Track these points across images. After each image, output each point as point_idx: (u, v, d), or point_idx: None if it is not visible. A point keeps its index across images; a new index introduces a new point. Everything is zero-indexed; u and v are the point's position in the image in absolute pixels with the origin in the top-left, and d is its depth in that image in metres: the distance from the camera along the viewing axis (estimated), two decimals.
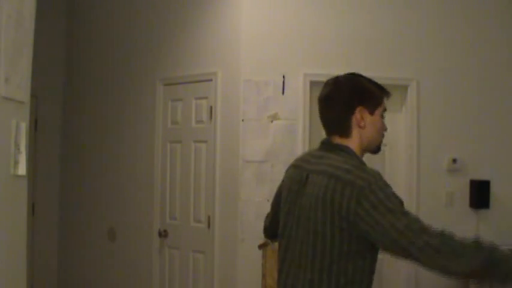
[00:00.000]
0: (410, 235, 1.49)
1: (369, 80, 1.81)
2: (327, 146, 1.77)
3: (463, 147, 4.00)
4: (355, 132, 1.73)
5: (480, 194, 3.94)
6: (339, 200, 1.58)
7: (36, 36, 2.06)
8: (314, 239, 1.64)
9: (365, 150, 1.77)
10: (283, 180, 1.90)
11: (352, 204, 1.55)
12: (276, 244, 2.99)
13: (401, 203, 1.57)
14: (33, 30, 2.03)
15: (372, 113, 1.74)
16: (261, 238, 3.15)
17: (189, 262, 3.99)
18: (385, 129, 1.80)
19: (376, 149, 1.80)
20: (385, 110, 1.79)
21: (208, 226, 3.87)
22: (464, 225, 3.98)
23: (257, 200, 3.69)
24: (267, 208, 3.66)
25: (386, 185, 1.58)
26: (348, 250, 1.59)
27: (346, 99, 1.74)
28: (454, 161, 3.96)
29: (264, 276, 3.26)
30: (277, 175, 3.69)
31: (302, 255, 1.68)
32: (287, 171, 1.90)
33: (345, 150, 1.72)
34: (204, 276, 3.88)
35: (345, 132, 1.73)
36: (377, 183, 1.56)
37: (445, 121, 3.98)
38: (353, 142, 1.73)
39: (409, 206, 3.86)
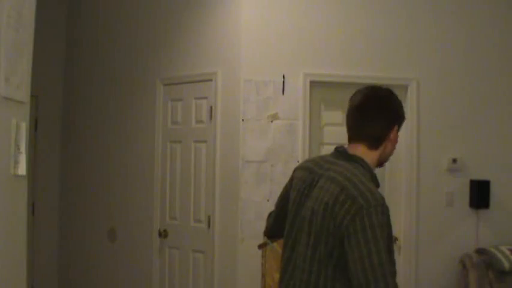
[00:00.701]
0: (379, 275, 1.50)
1: (397, 98, 1.87)
2: (342, 155, 1.78)
3: (463, 147, 4.00)
4: (382, 147, 1.79)
5: (480, 194, 3.93)
6: (337, 209, 1.60)
7: (36, 36, 2.06)
8: (314, 241, 1.66)
9: (379, 162, 1.82)
10: (291, 180, 1.91)
11: (346, 219, 1.57)
12: (276, 244, 2.99)
13: (390, 236, 1.59)
14: (33, 30, 2.03)
15: (398, 131, 1.82)
16: (261, 238, 3.15)
17: (189, 262, 3.99)
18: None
19: (384, 164, 1.86)
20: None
21: (208, 226, 3.87)
22: (464, 225, 3.99)
23: (257, 200, 3.69)
24: (267, 208, 3.67)
25: (384, 213, 1.59)
26: (339, 256, 1.60)
27: (389, 115, 1.79)
28: (454, 161, 3.96)
29: (263, 276, 3.26)
30: (277, 175, 3.70)
31: (302, 257, 1.71)
32: (296, 171, 1.91)
33: (359, 162, 1.74)
34: (204, 276, 3.88)
35: (376, 145, 1.78)
36: (376, 207, 1.57)
37: (445, 121, 3.98)
38: (375, 155, 1.78)
39: (409, 206, 3.87)
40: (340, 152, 1.80)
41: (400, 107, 1.84)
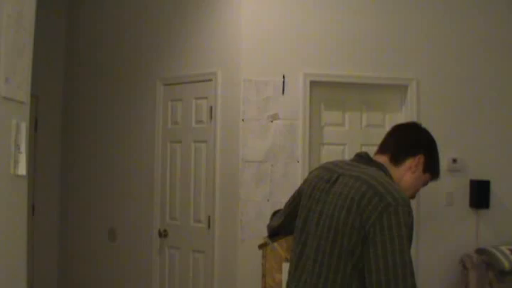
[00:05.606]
0: (400, 274, 1.51)
1: (432, 138, 1.94)
2: (364, 159, 1.82)
3: (463, 147, 4.00)
4: (402, 169, 1.82)
5: (480, 194, 3.93)
6: (364, 205, 1.60)
7: (36, 36, 2.06)
8: (334, 236, 1.65)
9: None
10: (305, 181, 1.92)
11: (374, 215, 1.57)
12: (276, 244, 2.99)
13: (410, 237, 1.60)
14: (33, 30, 2.03)
15: (424, 171, 1.86)
16: (261, 238, 3.15)
17: (189, 262, 4.00)
18: (414, 196, 1.90)
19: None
20: (427, 183, 1.93)
21: (208, 226, 3.87)
22: (464, 225, 3.99)
23: (257, 200, 3.69)
24: (267, 208, 3.67)
25: (410, 214, 1.60)
26: (359, 256, 1.59)
27: (415, 140, 1.87)
28: (454, 161, 3.96)
29: (264, 276, 3.26)
30: (277, 175, 3.70)
31: (319, 252, 1.69)
32: (312, 172, 1.94)
33: (380, 167, 1.77)
34: (204, 276, 3.88)
35: (396, 160, 1.82)
36: (404, 207, 1.58)
37: (444, 121, 3.98)
38: (395, 172, 1.81)
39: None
40: (361, 156, 1.82)
41: (436, 149, 1.88)
